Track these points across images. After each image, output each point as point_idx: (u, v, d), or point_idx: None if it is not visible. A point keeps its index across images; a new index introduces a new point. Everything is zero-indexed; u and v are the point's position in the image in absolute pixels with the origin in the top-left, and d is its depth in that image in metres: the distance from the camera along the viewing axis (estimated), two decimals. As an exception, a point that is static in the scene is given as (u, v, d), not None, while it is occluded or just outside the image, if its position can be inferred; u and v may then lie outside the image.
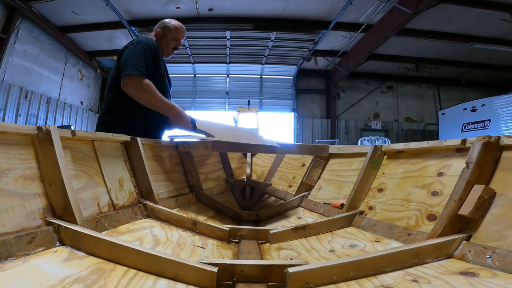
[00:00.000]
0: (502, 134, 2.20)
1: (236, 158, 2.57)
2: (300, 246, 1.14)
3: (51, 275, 0.62)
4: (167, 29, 1.88)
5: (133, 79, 1.57)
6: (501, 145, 0.90)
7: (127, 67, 1.58)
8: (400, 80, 11.74)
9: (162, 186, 1.52)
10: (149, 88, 1.60)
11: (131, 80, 1.57)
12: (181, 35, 1.93)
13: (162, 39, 1.87)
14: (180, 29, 1.92)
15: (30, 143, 0.86)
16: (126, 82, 1.58)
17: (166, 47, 1.89)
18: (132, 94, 1.60)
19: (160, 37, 1.87)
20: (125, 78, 1.58)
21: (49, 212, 0.82)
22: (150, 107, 1.68)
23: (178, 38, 1.91)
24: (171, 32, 1.88)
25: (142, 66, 1.60)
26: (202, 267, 0.72)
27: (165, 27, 1.88)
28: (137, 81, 1.57)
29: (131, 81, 1.57)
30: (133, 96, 1.61)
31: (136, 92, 1.59)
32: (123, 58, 1.64)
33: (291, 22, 8.02)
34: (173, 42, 1.90)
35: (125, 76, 1.57)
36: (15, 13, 6.58)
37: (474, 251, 0.77)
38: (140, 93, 1.60)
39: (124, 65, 1.60)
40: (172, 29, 1.88)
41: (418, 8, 6.03)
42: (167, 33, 1.88)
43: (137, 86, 1.58)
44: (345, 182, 1.56)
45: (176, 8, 7.36)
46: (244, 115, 10.30)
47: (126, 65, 1.60)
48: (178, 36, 1.91)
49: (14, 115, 6.98)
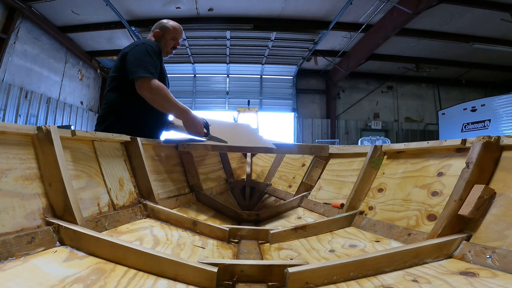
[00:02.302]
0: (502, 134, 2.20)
1: (236, 158, 2.57)
2: (300, 246, 1.13)
3: (51, 275, 0.62)
4: (166, 29, 1.89)
5: (147, 82, 1.57)
6: (501, 145, 0.90)
7: (138, 69, 1.58)
8: (400, 80, 11.74)
9: (162, 186, 1.52)
10: (162, 90, 1.60)
11: (145, 83, 1.57)
12: (180, 35, 1.95)
13: (161, 40, 1.88)
14: (178, 29, 1.94)
15: (30, 143, 0.86)
16: (141, 85, 1.57)
17: (165, 47, 1.90)
18: (147, 97, 1.60)
19: (159, 38, 1.88)
20: (139, 81, 1.57)
21: (49, 212, 0.82)
22: (162, 110, 1.67)
23: (176, 38, 1.93)
24: (169, 32, 1.90)
25: (153, 68, 1.61)
26: (202, 267, 0.72)
27: (164, 28, 1.90)
28: (150, 84, 1.57)
29: (145, 84, 1.57)
30: (147, 98, 1.60)
31: (150, 94, 1.59)
32: (131, 59, 1.63)
33: (291, 22, 8.02)
34: (172, 42, 1.92)
35: (139, 79, 1.57)
36: (15, 13, 6.58)
37: (474, 251, 0.77)
38: (154, 96, 1.59)
39: (134, 66, 1.60)
40: (170, 29, 1.90)
41: (418, 8, 6.03)
42: (165, 33, 1.89)
43: (151, 88, 1.57)
44: (345, 182, 1.56)
45: (176, 8, 7.36)
46: (244, 115, 10.30)
47: (136, 67, 1.59)
48: (176, 36, 1.92)
49: (14, 115, 6.98)
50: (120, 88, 1.70)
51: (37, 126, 0.87)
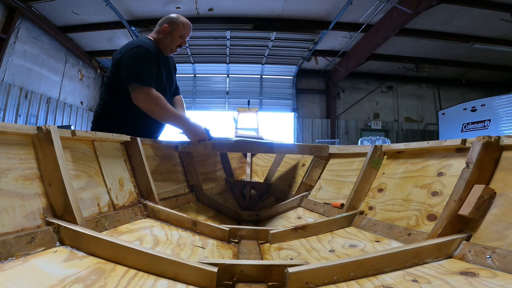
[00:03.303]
0: (502, 134, 2.20)
1: (236, 158, 2.57)
2: (300, 246, 1.13)
3: (51, 275, 0.62)
4: (175, 25, 1.76)
5: (142, 93, 1.53)
6: (501, 145, 0.90)
7: (132, 79, 1.54)
8: (400, 80, 11.74)
9: (162, 186, 1.52)
10: (159, 101, 1.56)
11: (140, 95, 1.53)
12: (188, 33, 1.83)
13: (168, 36, 1.76)
14: (188, 27, 1.81)
15: (30, 143, 0.86)
16: (136, 96, 1.54)
17: (170, 44, 1.78)
18: (143, 108, 1.57)
19: (166, 33, 1.76)
20: (134, 92, 1.54)
21: (49, 212, 0.82)
22: (161, 121, 1.65)
23: (184, 36, 1.80)
24: (179, 29, 1.77)
25: (148, 76, 1.56)
26: (202, 267, 0.72)
27: (173, 23, 1.77)
28: (146, 95, 1.54)
29: (141, 96, 1.53)
30: (144, 110, 1.57)
31: (147, 106, 1.56)
32: (126, 65, 1.57)
33: (291, 22, 8.01)
34: (179, 40, 1.79)
35: (134, 90, 1.54)
36: (15, 13, 6.58)
37: (474, 251, 0.77)
38: (151, 107, 1.57)
39: (128, 75, 1.55)
40: (180, 26, 1.77)
41: (418, 8, 6.03)
42: (174, 29, 1.76)
43: (146, 100, 1.54)
44: (345, 182, 1.56)
45: (176, 8, 7.36)
46: (244, 115, 10.28)
47: (130, 76, 1.55)
48: (185, 34, 1.80)
49: (14, 115, 6.98)
50: (115, 90, 1.66)
51: (37, 126, 0.87)
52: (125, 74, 1.57)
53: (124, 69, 1.58)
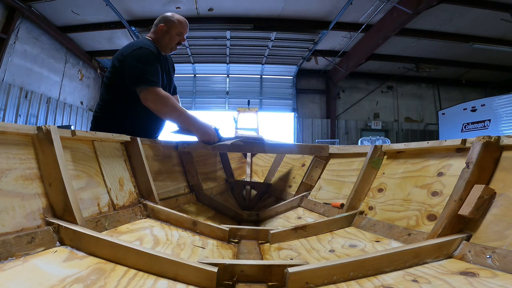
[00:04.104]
0: (502, 134, 2.20)
1: (236, 158, 2.57)
2: (300, 246, 1.13)
3: (51, 275, 0.62)
4: (171, 23, 1.76)
5: (151, 93, 1.53)
6: (501, 145, 0.90)
7: (140, 80, 1.53)
8: (400, 80, 11.74)
9: (162, 186, 1.52)
10: (168, 100, 1.56)
11: (149, 95, 1.53)
12: (185, 30, 1.82)
13: (166, 35, 1.76)
14: (184, 24, 1.81)
15: (30, 143, 0.86)
16: (145, 97, 1.54)
17: (169, 43, 1.78)
18: (152, 108, 1.56)
19: (163, 32, 1.76)
20: (143, 93, 1.53)
21: (49, 212, 0.82)
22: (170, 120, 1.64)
23: (182, 33, 1.79)
24: (175, 27, 1.76)
25: (154, 76, 1.56)
26: (202, 267, 0.72)
27: (169, 22, 1.76)
28: (155, 95, 1.53)
29: (150, 96, 1.53)
30: (153, 110, 1.57)
31: (156, 106, 1.56)
32: (131, 66, 1.57)
33: (291, 22, 8.01)
34: (177, 38, 1.79)
35: (142, 91, 1.53)
36: (15, 13, 6.58)
37: (474, 251, 0.77)
38: (160, 107, 1.56)
39: (135, 77, 1.54)
40: (176, 23, 1.77)
41: (418, 8, 6.03)
42: (171, 28, 1.76)
43: (155, 100, 1.54)
44: (345, 182, 1.56)
45: (176, 8, 7.36)
46: (244, 115, 10.28)
47: (137, 77, 1.54)
48: (182, 30, 1.79)
49: (14, 115, 6.98)
50: (115, 91, 1.66)
51: (37, 126, 0.87)
52: (130, 76, 1.56)
53: (129, 71, 1.57)
